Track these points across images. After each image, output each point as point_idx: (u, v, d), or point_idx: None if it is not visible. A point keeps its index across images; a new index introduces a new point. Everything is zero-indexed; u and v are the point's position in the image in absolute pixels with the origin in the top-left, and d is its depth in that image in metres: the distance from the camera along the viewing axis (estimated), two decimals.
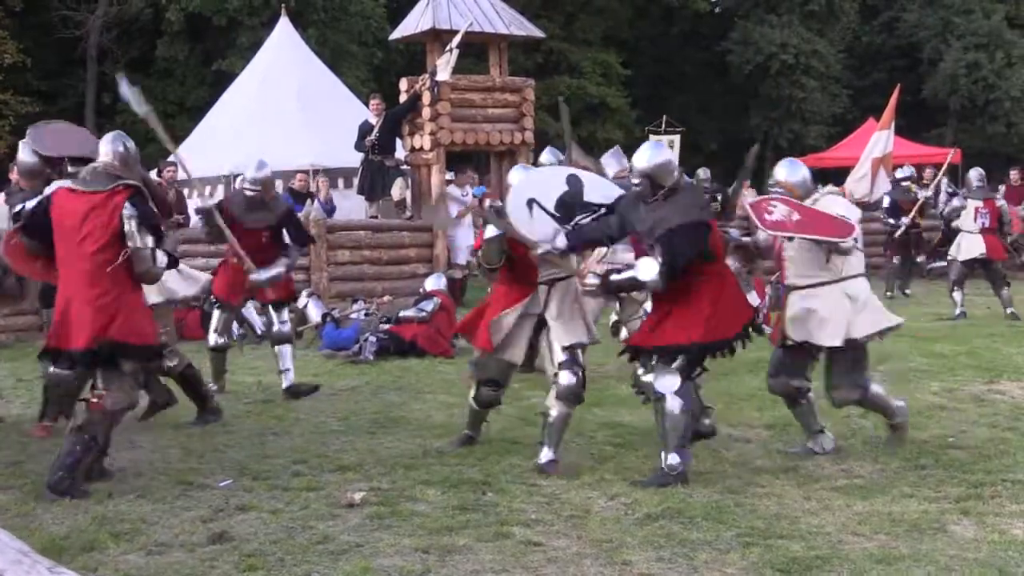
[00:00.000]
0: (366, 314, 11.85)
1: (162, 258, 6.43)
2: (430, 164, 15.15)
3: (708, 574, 4.94)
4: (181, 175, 15.44)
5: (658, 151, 6.67)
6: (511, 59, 17.05)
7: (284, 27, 21.02)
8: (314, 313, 12.27)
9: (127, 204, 6.28)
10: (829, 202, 7.12)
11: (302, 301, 12.70)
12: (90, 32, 31.11)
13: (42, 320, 12.38)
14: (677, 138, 20.24)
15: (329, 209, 15.68)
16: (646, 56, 40.18)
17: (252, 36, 27.19)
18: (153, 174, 16.88)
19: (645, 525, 5.59)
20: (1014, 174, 19.25)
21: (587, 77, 35.76)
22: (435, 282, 12.40)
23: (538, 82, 18.23)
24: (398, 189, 15.42)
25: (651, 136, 20.02)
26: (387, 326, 11.35)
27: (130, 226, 6.25)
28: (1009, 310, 13.46)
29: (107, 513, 5.83)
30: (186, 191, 16.25)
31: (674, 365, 6.39)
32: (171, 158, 17.06)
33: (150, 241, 6.31)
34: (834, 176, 23.29)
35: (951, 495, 6.10)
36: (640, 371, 6.63)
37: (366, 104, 17.29)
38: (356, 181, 15.96)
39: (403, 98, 15.56)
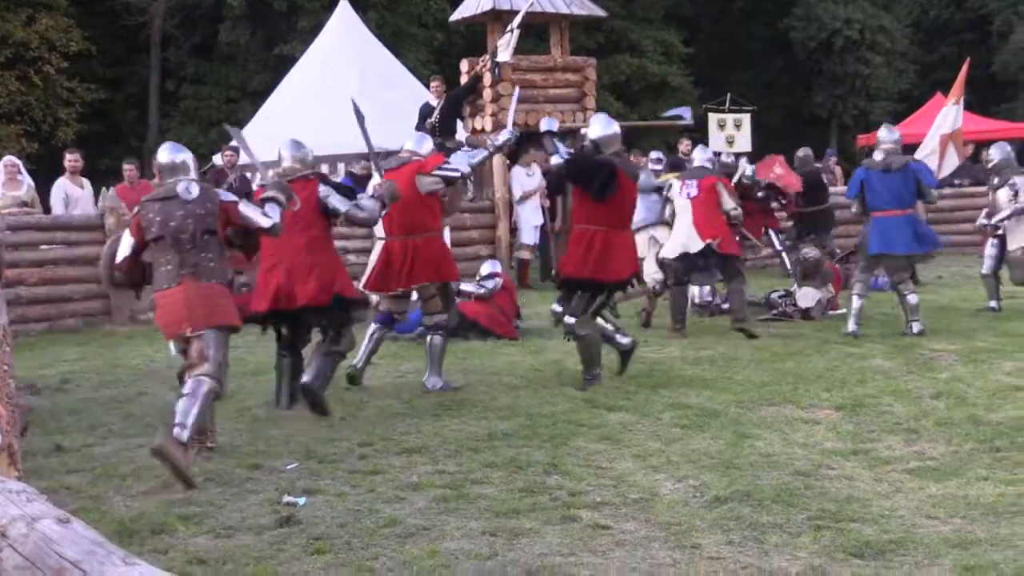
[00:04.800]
0: None
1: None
2: None
3: (779, 558, 4.86)
4: (243, 159, 15.57)
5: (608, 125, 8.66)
6: (572, 39, 16.91)
7: (344, 10, 21.07)
8: (375, 296, 12.25)
9: None
10: None
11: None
12: (153, 18, 31.42)
13: (110, 305, 12.60)
14: (747, 117, 19.96)
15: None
16: (707, 34, 39.80)
17: (312, 20, 27.31)
18: (217, 158, 17.10)
19: (714, 508, 5.53)
20: None
21: (648, 56, 35.50)
22: (490, 267, 12.28)
23: (599, 61, 18.08)
24: None
25: (710, 115, 19.75)
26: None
27: None
28: None
29: (176, 496, 5.87)
30: (248, 175, 16.37)
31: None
32: (232, 143, 17.22)
33: None
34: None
35: None
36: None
37: (427, 86, 17.27)
38: None
39: (464, 79, 15.51)
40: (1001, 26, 39.07)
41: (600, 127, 8.68)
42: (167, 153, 6.88)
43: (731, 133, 18.81)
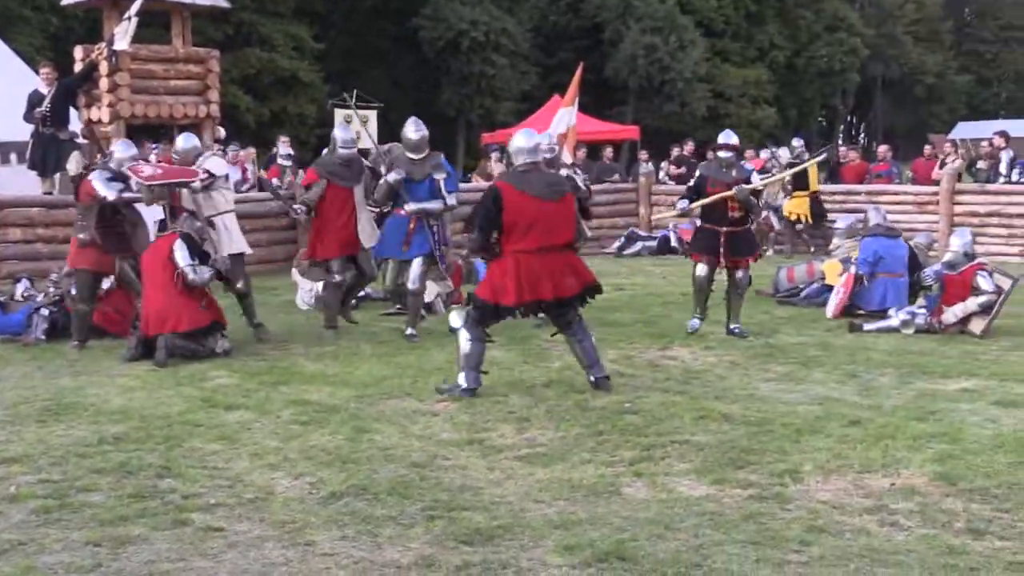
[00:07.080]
0: (28, 296, 11.12)
1: None
2: (109, 137, 14.44)
3: (392, 550, 4.93)
4: None
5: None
6: (199, 30, 16.47)
7: None
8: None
9: None
10: (211, 163, 10.64)
11: None
12: None
13: None
14: (373, 114, 20.07)
15: None
16: (339, 30, 39.87)
17: None
18: None
19: (329, 504, 5.54)
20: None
21: (279, 51, 35.14)
22: None
23: (228, 54, 17.72)
24: (74, 164, 14.55)
25: (335, 110, 19.77)
26: (59, 301, 10.73)
27: None
28: None
29: None
30: None
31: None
32: None
33: None
34: None
35: (626, 458, 6.36)
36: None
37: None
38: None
39: (79, 67, 14.74)
40: (612, 35, 41.53)
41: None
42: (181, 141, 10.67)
43: (357, 129, 18.86)
